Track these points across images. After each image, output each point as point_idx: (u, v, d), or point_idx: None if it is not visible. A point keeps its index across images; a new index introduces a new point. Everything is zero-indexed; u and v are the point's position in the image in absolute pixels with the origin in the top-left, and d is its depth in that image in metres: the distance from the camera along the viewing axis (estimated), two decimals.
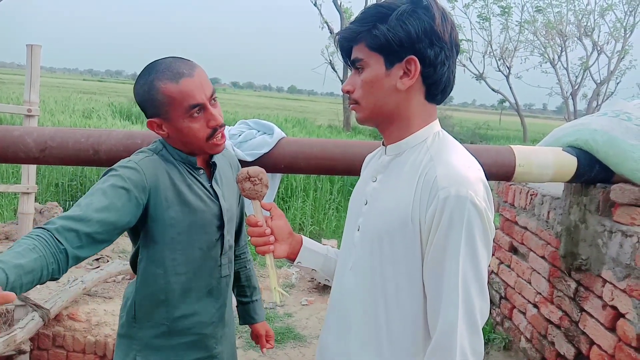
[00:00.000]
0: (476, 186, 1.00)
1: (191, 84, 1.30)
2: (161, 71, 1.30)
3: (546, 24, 21.25)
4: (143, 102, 1.35)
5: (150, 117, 1.35)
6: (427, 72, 1.06)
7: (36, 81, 3.27)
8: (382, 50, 1.06)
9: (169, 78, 1.29)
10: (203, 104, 1.32)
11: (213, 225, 1.44)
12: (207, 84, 1.34)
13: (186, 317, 1.43)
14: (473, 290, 0.99)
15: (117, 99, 22.07)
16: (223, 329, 1.54)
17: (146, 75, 1.32)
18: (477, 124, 25.13)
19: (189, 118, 1.31)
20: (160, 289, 1.40)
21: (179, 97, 1.29)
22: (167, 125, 1.34)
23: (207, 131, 1.34)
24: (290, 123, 16.91)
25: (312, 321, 4.24)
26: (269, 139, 2.06)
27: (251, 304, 1.77)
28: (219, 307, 1.50)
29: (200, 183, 1.43)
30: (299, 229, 6.94)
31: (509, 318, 3.06)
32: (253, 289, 1.78)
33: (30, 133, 1.98)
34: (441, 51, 1.05)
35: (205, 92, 1.32)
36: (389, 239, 1.06)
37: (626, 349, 1.96)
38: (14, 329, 3.08)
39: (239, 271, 1.75)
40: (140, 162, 1.33)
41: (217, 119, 1.34)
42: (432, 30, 1.03)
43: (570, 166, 2.12)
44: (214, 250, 1.46)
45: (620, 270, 2.04)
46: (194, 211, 1.38)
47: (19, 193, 3.41)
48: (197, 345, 1.46)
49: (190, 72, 1.31)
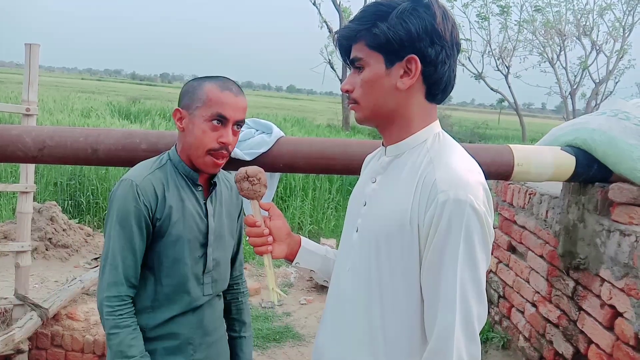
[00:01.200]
0: (476, 190, 0.98)
1: (230, 99, 1.41)
2: (216, 79, 1.45)
3: (545, 24, 21.27)
4: (184, 92, 1.47)
5: (180, 107, 1.46)
6: (428, 72, 1.05)
7: (34, 80, 3.26)
8: (382, 49, 1.05)
9: (218, 85, 1.43)
10: (227, 119, 1.41)
11: (197, 241, 1.47)
12: (242, 111, 1.45)
13: (164, 326, 1.47)
14: (471, 296, 0.97)
15: (116, 98, 22.06)
16: (203, 337, 1.54)
17: (204, 77, 1.47)
18: (476, 123, 25.14)
19: (209, 123, 1.40)
20: (148, 296, 1.46)
21: (214, 99, 1.40)
22: (188, 119, 1.44)
23: (214, 144, 1.41)
24: (289, 122, 16.90)
25: (310, 320, 4.24)
26: (267, 138, 2.05)
27: (239, 339, 1.72)
28: (198, 321, 1.52)
29: (196, 199, 1.48)
30: (298, 228, 6.94)
31: (507, 317, 3.06)
32: (242, 324, 1.73)
33: (28, 132, 1.97)
34: (442, 50, 1.03)
35: (237, 113, 1.42)
36: (387, 241, 1.05)
37: (624, 347, 1.96)
38: (13, 328, 3.07)
39: (231, 302, 1.71)
40: (140, 184, 1.40)
41: (229, 137, 1.42)
42: (433, 29, 1.02)
43: (569, 165, 2.12)
44: (197, 267, 1.48)
45: (618, 269, 2.04)
46: (182, 226, 1.44)
47: (17, 192, 3.40)
48: (174, 351, 1.49)
49: (236, 92, 1.44)
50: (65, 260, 4.73)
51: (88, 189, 6.74)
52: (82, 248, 5.00)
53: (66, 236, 4.92)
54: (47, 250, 4.73)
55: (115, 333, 1.38)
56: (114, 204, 1.41)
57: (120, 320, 1.38)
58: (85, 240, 5.13)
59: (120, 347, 1.37)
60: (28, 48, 3.24)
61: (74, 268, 4.57)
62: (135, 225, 1.39)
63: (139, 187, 1.39)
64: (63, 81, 48.57)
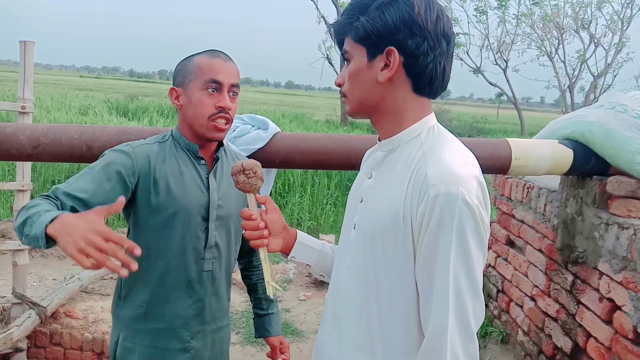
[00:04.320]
0: (468, 183, 0.96)
1: (220, 65, 1.44)
2: (205, 52, 1.48)
3: (543, 17, 21.21)
4: (177, 71, 1.49)
5: (175, 85, 1.48)
6: (409, 63, 1.03)
7: (30, 78, 3.24)
8: (363, 41, 1.04)
9: (207, 54, 1.46)
10: (221, 83, 1.42)
11: (198, 215, 1.47)
12: (235, 75, 1.46)
13: (161, 302, 1.47)
14: (465, 292, 0.95)
15: (113, 96, 22.00)
16: (201, 325, 1.53)
17: (194, 53, 1.49)
18: (475, 117, 25.14)
19: (204, 91, 1.42)
20: (143, 270, 1.40)
21: (205, 68, 1.42)
22: (184, 96, 1.46)
23: (212, 110, 1.42)
24: (287, 118, 16.86)
25: (309, 316, 4.24)
26: (263, 133, 2.04)
27: (267, 316, 1.76)
28: (196, 300, 1.51)
29: (197, 172, 1.48)
30: (297, 224, 6.93)
31: (506, 311, 3.06)
32: (270, 302, 1.77)
33: (23, 130, 1.96)
34: (424, 41, 1.01)
35: (230, 77, 1.44)
36: (382, 237, 1.03)
37: (623, 341, 1.96)
38: (11, 326, 3.07)
39: (257, 283, 1.76)
40: (136, 148, 1.43)
41: (226, 101, 1.43)
42: (411, 20, 1.00)
43: (567, 159, 2.12)
44: (197, 242, 1.48)
45: (616, 262, 2.03)
46: (180, 198, 1.43)
47: (14, 190, 3.39)
48: (170, 334, 1.49)
49: (225, 59, 1.46)
50: (63, 258, 4.72)
51: None
52: None
53: None
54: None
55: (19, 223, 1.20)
56: (105, 152, 1.42)
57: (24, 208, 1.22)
58: None
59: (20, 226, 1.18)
60: (23, 45, 3.22)
61: (72, 266, 4.57)
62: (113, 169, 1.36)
63: (135, 150, 1.42)
64: (60, 79, 48.47)
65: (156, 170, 1.42)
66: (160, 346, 1.48)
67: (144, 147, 1.44)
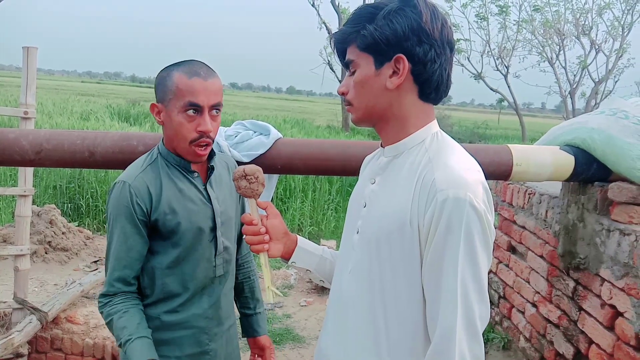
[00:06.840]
0: (475, 188, 0.98)
1: (199, 85, 1.37)
2: (183, 65, 1.40)
3: (544, 23, 21.24)
4: (157, 85, 1.44)
5: (156, 100, 1.45)
6: (417, 70, 1.05)
7: (32, 83, 3.26)
8: (371, 50, 1.05)
9: (185, 72, 1.38)
10: (201, 107, 1.38)
11: (206, 227, 1.49)
12: (216, 93, 1.40)
13: (178, 311, 1.48)
14: (472, 295, 0.97)
15: (115, 101, 22.05)
16: (218, 326, 1.56)
17: (172, 65, 1.43)
18: (476, 123, 25.12)
19: (184, 114, 1.38)
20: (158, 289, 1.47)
21: (184, 89, 1.37)
22: (165, 113, 1.42)
23: (193, 134, 1.39)
24: (289, 124, 16.89)
25: (310, 322, 4.23)
26: (265, 139, 2.05)
27: (254, 316, 1.76)
28: (213, 303, 1.53)
29: (194, 186, 1.48)
30: (298, 229, 6.93)
31: (507, 317, 3.05)
32: (256, 302, 1.77)
33: (25, 135, 1.97)
34: (431, 49, 1.03)
35: (209, 98, 1.38)
36: (388, 242, 1.05)
37: (625, 347, 1.95)
38: (12, 332, 3.07)
39: (243, 282, 1.76)
40: (133, 183, 1.40)
41: (207, 125, 1.39)
42: (419, 28, 1.02)
43: (568, 165, 2.12)
44: (208, 251, 1.50)
45: (618, 268, 2.03)
46: (186, 217, 1.44)
47: (16, 196, 3.40)
48: (189, 340, 1.50)
49: (205, 76, 1.39)
50: (64, 264, 4.72)
51: (87, 191, 6.73)
52: (81, 251, 5.00)
53: (65, 239, 4.92)
54: (47, 253, 4.73)
55: (108, 322, 1.42)
56: (109, 207, 1.43)
57: (110, 309, 1.41)
58: (84, 243, 5.13)
59: (115, 332, 1.40)
60: (26, 51, 3.24)
61: (74, 271, 4.57)
62: (130, 225, 1.40)
63: (132, 186, 1.40)
64: (62, 84, 48.57)
65: (157, 196, 1.42)
66: (179, 354, 1.49)
67: (138, 179, 1.42)
